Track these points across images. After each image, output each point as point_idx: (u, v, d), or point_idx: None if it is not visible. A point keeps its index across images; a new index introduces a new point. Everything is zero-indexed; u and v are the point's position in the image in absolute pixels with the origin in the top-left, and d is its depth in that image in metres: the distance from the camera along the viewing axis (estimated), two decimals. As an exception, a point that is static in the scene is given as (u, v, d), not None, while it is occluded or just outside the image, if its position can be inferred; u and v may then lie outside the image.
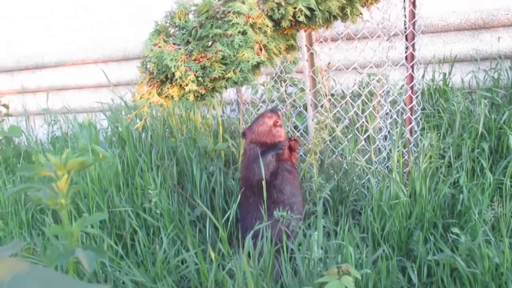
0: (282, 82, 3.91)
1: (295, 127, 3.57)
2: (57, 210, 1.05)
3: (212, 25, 2.46)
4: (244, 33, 2.43)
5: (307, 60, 3.19)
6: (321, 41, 3.61)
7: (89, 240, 2.68)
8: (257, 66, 2.55)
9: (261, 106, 3.84)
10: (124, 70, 5.53)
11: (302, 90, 3.76)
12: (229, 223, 2.84)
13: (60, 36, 5.88)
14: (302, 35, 3.09)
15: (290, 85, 3.95)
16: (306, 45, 3.15)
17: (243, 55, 2.39)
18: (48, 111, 5.28)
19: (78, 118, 4.98)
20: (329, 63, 3.99)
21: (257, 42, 2.50)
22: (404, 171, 3.05)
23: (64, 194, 1.00)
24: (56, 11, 5.88)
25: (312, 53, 3.21)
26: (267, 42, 2.56)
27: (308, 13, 2.52)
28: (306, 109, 3.32)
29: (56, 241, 2.22)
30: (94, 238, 2.72)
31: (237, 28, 2.41)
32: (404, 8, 3.15)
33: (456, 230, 2.50)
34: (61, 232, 1.03)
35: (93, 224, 2.85)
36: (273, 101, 3.85)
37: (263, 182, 2.58)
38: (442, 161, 3.15)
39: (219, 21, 2.47)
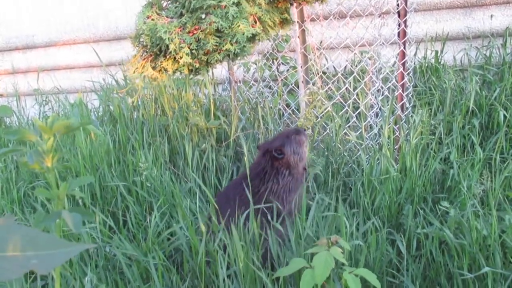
0: (274, 60, 3.90)
1: (287, 105, 3.57)
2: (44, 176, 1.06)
3: (205, -4, 2.44)
4: (238, 4, 2.41)
5: (298, 37, 3.18)
6: (313, 19, 3.59)
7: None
8: (252, 38, 2.53)
9: (253, 84, 3.84)
10: (115, 50, 5.50)
11: (294, 68, 3.75)
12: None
13: (51, 16, 5.83)
14: (293, 12, 3.07)
15: (282, 63, 3.94)
16: (298, 22, 3.13)
17: (238, 26, 2.37)
18: (39, 92, 5.25)
19: (69, 98, 4.96)
20: (321, 41, 3.98)
21: (251, 14, 2.48)
22: (395, 147, 3.07)
23: (50, 157, 1.00)
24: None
25: (303, 30, 3.20)
26: (262, 15, 2.54)
27: (302, -15, 2.51)
28: (297, 87, 3.31)
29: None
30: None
31: (231, -1, 2.39)
32: (396, -16, 3.14)
33: (445, 203, 2.52)
34: (47, 194, 1.03)
35: (85, 202, 2.86)
36: (264, 80, 3.85)
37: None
38: (433, 137, 3.17)
39: (213, -7, 2.45)
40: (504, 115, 3.35)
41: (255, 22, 2.54)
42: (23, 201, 3.18)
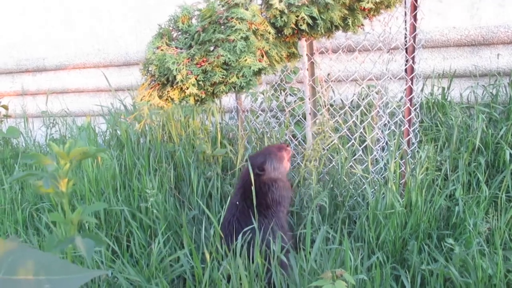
0: (282, 91, 3.93)
1: (294, 136, 3.59)
2: (56, 201, 1.07)
3: (214, 30, 2.48)
4: (246, 39, 2.45)
5: (307, 69, 3.21)
6: (322, 52, 3.64)
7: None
8: (258, 72, 2.56)
9: (260, 114, 3.86)
10: (124, 75, 5.56)
11: (302, 99, 3.78)
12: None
13: (62, 40, 5.91)
14: (303, 44, 3.11)
15: (289, 94, 3.98)
16: (307, 54, 3.17)
17: (245, 60, 2.41)
18: (47, 114, 5.29)
19: (77, 122, 5.00)
20: (329, 74, 4.02)
21: (259, 49, 2.52)
22: (401, 182, 3.07)
23: (65, 182, 1.02)
24: (58, 15, 5.91)
25: (312, 63, 3.24)
26: (269, 49, 2.58)
27: (310, 21, 2.55)
28: (305, 118, 3.34)
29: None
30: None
31: (239, 33, 2.43)
32: (405, 21, 3.19)
33: (450, 240, 2.51)
34: (61, 219, 1.04)
35: (90, 227, 2.86)
36: (272, 110, 3.88)
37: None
38: (439, 173, 3.17)
39: (222, 27, 2.49)
40: (510, 153, 3.35)
41: (262, 57, 2.57)
42: (27, 222, 3.18)
